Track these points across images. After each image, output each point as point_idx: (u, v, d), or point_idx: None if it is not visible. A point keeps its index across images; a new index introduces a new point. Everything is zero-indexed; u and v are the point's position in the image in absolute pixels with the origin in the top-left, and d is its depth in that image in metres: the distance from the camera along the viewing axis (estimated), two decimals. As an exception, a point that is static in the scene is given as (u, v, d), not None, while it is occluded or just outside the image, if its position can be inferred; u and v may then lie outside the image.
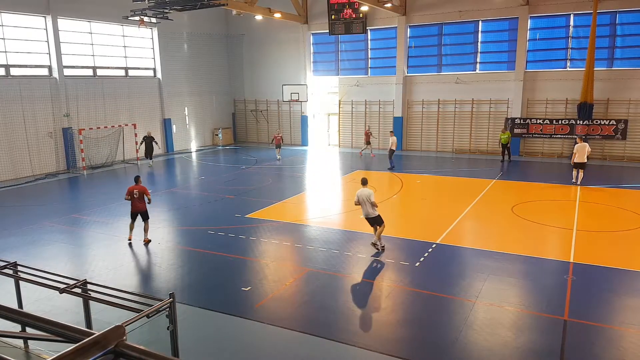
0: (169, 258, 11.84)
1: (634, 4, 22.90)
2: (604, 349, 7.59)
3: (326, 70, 31.21)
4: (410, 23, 27.88)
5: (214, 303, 9.21)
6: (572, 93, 24.47)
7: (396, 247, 12.46)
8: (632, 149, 24.04)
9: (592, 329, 8.16)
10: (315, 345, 7.83)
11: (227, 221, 14.62)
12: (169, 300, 5.23)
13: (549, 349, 7.52)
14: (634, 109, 23.68)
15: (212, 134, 32.82)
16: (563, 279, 10.14)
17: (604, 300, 8.98)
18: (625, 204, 16.05)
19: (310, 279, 10.40)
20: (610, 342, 7.80)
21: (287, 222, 14.55)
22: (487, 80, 26.62)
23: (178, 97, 30.01)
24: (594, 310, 8.74)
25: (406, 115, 28.85)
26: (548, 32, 25.42)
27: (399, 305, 9.19)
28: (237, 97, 34.28)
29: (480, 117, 27.10)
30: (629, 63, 23.87)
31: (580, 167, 18.72)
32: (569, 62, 25.12)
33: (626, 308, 8.85)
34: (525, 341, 7.80)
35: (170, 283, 10.27)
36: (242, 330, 8.33)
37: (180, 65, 30.05)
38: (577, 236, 12.79)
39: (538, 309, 8.86)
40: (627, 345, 7.68)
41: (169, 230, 14.27)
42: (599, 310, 8.75)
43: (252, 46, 32.82)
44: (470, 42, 27.07)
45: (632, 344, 7.71)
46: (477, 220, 14.81)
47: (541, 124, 25.32)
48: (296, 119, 32.36)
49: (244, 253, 11.98)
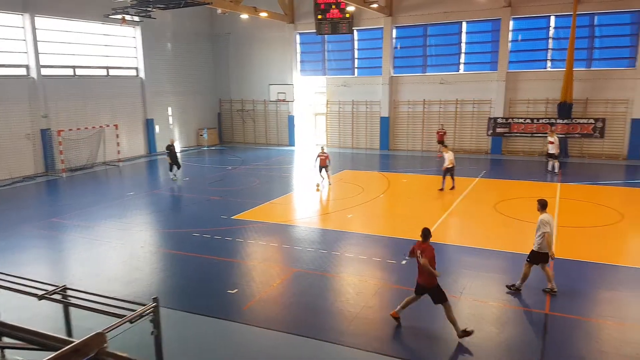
0: (152, 262, 11.65)
1: (612, 6, 23.34)
2: (583, 341, 7.83)
3: (313, 70, 31.18)
4: (396, 24, 28.01)
5: (199, 307, 9.08)
6: (552, 93, 24.84)
7: (383, 245, 12.51)
8: (610, 147, 24.50)
9: (572, 322, 8.39)
10: (304, 346, 7.80)
11: (213, 223, 14.47)
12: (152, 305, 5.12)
13: (531, 343, 7.70)
14: (611, 108, 24.14)
15: (196, 134, 32.53)
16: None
17: (584, 294, 9.17)
18: (603, 200, 16.37)
19: (298, 279, 10.35)
20: (590, 335, 8.03)
21: (274, 223, 14.46)
22: (470, 80, 26.88)
23: (161, 96, 29.68)
24: (574, 304, 8.96)
25: (392, 115, 28.98)
26: (529, 33, 25.77)
27: (385, 304, 9.21)
28: (222, 96, 34.03)
29: (464, 117, 27.35)
30: (607, 63, 24.32)
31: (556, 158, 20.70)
32: (549, 62, 25.50)
33: (604, 301, 9.03)
34: (509, 335, 8.00)
35: (153, 287, 10.11)
36: (229, 333, 8.23)
37: (164, 64, 29.72)
38: (557, 232, 12.99)
39: (520, 304, 9.11)
40: (605, 337, 7.94)
41: (152, 233, 14.07)
42: (578, 304, 8.96)
43: (238, 45, 32.63)
44: (455, 43, 27.31)
45: (610, 335, 7.98)
46: (462, 218, 14.98)
47: (523, 123, 25.65)
48: (283, 119, 32.26)
49: (230, 255, 11.86)
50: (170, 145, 21.05)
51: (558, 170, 20.63)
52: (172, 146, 20.99)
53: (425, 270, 7.79)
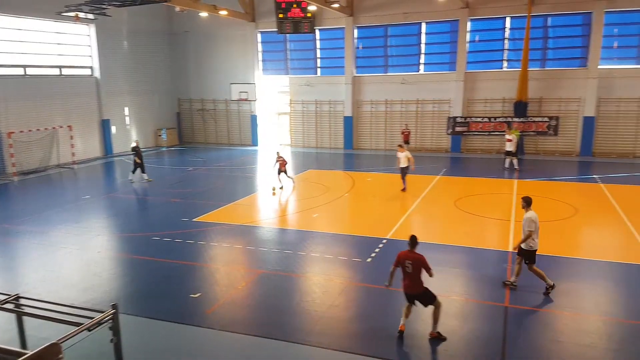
0: (111, 267, 11.26)
1: (564, 7, 24.29)
2: (541, 332, 8.10)
3: (276, 69, 30.95)
4: (357, 24, 28.18)
5: (161, 312, 8.83)
6: (508, 92, 25.61)
7: (348, 244, 12.55)
8: (563, 144, 25.50)
9: (530, 314, 8.69)
10: (271, 347, 7.71)
11: (173, 226, 14.11)
12: (111, 312, 4.99)
13: (492, 335, 7.90)
14: (564, 106, 25.12)
15: (155, 134, 31.72)
16: (503, 267, 10.69)
17: (541, 286, 9.43)
18: (558, 195, 17.02)
19: (263, 281, 10.23)
20: (547, 326, 8.30)
21: (238, 225, 14.24)
22: (430, 80, 27.37)
23: (117, 96, 28.76)
24: (532, 297, 9.25)
25: (356, 114, 29.16)
26: (486, 34, 26.49)
27: (352, 302, 9.25)
28: (181, 96, 33.31)
29: (424, 117, 27.82)
30: (560, 63, 25.32)
31: (514, 155, 21.51)
32: (505, 62, 26.28)
33: (560, 293, 9.33)
34: (470, 329, 8.19)
35: (112, 293, 9.77)
36: (192, 338, 8.03)
37: (120, 63, 28.82)
38: (514, 227, 13.45)
39: (481, 297, 9.35)
40: (562, 328, 8.26)
41: (110, 237, 13.60)
42: (536, 296, 9.24)
43: (197, 44, 32.01)
44: (415, 43, 27.74)
45: (566, 326, 8.32)
46: (424, 215, 15.23)
47: (480, 122, 26.33)
48: (245, 118, 31.88)
49: (192, 258, 11.59)
50: (136, 146, 20.45)
51: (516, 167, 21.29)
52: (138, 147, 20.39)
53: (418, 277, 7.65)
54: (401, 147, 18.28)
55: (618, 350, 7.43)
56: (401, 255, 7.71)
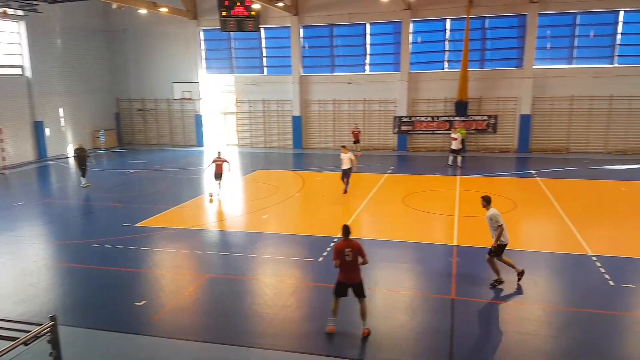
0: (48, 277, 10.59)
1: (501, 10, 25.39)
2: (487, 322, 8.47)
3: (220, 67, 30.34)
4: (302, 23, 28.15)
5: (103, 322, 8.41)
6: (450, 92, 26.48)
7: (299, 244, 12.48)
8: (502, 141, 26.67)
9: (476, 305, 9.00)
10: (220, 353, 7.53)
11: (114, 232, 13.47)
12: (49, 324, 4.71)
13: (440, 327, 8.12)
14: (502, 105, 26.29)
15: (92, 136, 30.25)
16: (448, 261, 11.03)
17: (485, 278, 9.80)
18: (498, 190, 17.71)
19: (212, 285, 9.97)
20: (492, 316, 8.67)
21: (183, 229, 13.80)
22: (376, 81, 27.81)
23: (51, 97, 27.20)
24: (477, 288, 9.58)
25: (304, 114, 29.13)
26: (428, 36, 27.23)
27: (304, 302, 9.21)
28: (120, 95, 31.98)
29: (372, 116, 28.23)
30: (498, 64, 26.45)
31: (458, 153, 22.08)
32: (446, 63, 27.15)
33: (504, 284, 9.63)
34: (419, 322, 8.40)
35: (50, 304, 9.19)
36: (137, 347, 7.70)
37: (54, 62, 27.27)
38: (458, 222, 13.96)
39: (429, 291, 9.60)
40: (505, 317, 8.63)
41: (46, 246, 12.79)
42: (481, 288, 9.58)
43: (136, 42, 30.83)
44: (360, 44, 28.07)
45: (510, 315, 8.69)
46: (373, 213, 15.44)
47: (424, 122, 27.08)
48: (189, 118, 31.05)
49: (135, 265, 11.11)
50: (78, 148, 19.36)
51: (460, 164, 22.03)
52: (80, 149, 19.29)
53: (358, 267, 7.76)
54: (345, 148, 17.59)
55: (557, 336, 7.80)
56: (339, 245, 7.78)
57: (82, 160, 19.09)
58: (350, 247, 7.68)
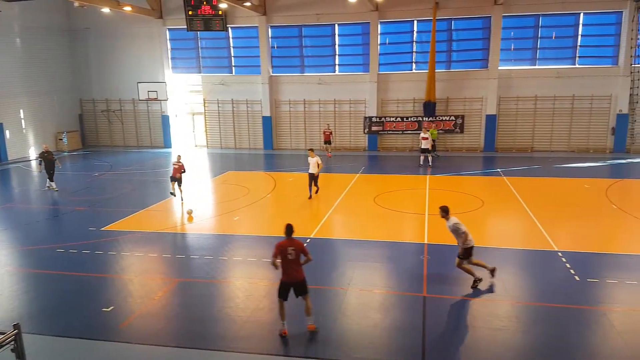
0: (10, 284, 10.17)
1: (466, 12, 25.92)
2: (458, 318, 8.61)
3: (187, 67, 29.84)
4: (270, 23, 28.00)
5: (69, 329, 8.14)
6: (418, 93, 26.85)
7: (271, 245, 12.21)
8: (469, 141, 27.23)
9: (446, 302, 9.14)
10: (192, 358, 7.41)
11: (80, 236, 13.07)
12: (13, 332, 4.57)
13: (413, 325, 8.21)
14: (469, 105, 26.84)
15: (55, 138, 29.28)
16: (419, 259, 11.17)
17: (455, 275, 9.96)
18: (466, 188, 18.14)
19: (182, 289, 9.77)
20: (462, 312, 8.82)
21: (152, 232, 13.49)
22: (346, 81, 27.92)
23: (10, 98, 26.19)
24: (448, 286, 9.73)
25: (274, 114, 28.97)
26: (396, 37, 27.52)
27: (277, 304, 9.05)
28: (83, 96, 31.07)
29: (342, 117, 28.32)
30: (464, 65, 26.95)
31: (429, 153, 22.39)
32: (414, 64, 27.52)
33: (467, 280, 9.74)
34: (392, 320, 8.46)
35: (14, 312, 8.85)
36: (105, 354, 7.48)
37: (13, 62, 26.27)
38: (428, 220, 14.14)
39: (401, 289, 9.70)
40: (475, 314, 8.79)
41: (8, 252, 12.28)
42: (451, 285, 9.74)
43: (99, 41, 30.01)
44: (329, 44, 28.13)
45: (479, 311, 8.84)
46: (345, 213, 15.47)
47: (394, 122, 27.38)
48: (156, 119, 30.44)
49: (102, 270, 10.80)
50: (44, 152, 18.68)
51: (430, 164, 22.35)
52: (46, 153, 18.63)
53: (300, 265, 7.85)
54: (312, 151, 17.24)
55: (526, 331, 7.99)
56: (281, 244, 7.87)
57: (48, 163, 18.47)
58: (293, 245, 7.81)
